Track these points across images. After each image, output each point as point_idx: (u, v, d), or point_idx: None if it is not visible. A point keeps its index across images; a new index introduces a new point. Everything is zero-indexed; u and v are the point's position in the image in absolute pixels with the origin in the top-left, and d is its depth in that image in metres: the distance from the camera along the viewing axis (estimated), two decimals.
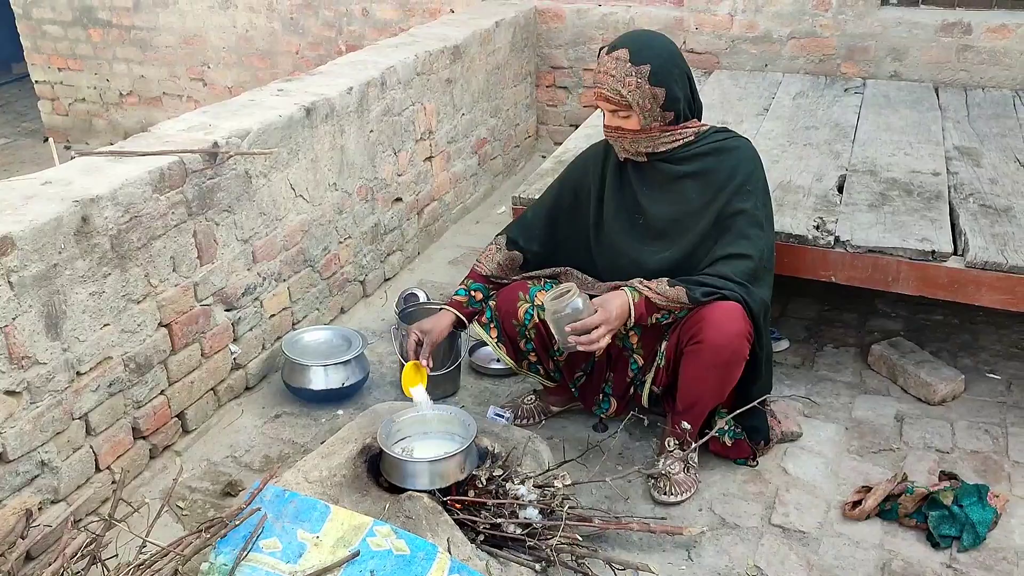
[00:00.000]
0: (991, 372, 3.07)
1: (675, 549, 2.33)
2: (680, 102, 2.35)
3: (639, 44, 2.33)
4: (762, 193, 2.43)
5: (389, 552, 2.02)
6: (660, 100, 2.31)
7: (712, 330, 2.30)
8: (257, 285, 3.00)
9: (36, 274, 2.17)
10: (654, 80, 2.29)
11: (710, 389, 2.43)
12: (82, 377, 2.36)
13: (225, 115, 2.97)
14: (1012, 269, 2.58)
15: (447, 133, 4.18)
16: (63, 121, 6.82)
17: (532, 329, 2.58)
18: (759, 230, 2.38)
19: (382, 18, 5.53)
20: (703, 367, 2.37)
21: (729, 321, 2.30)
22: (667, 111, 2.34)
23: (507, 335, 2.64)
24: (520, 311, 2.58)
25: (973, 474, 2.57)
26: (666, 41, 2.40)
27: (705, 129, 2.44)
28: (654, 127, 2.36)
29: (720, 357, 2.33)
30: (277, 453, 2.77)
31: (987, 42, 4.28)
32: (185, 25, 6.09)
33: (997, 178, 3.18)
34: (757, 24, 4.67)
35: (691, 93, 2.40)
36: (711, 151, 2.41)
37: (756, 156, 2.46)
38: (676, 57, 2.37)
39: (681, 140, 2.40)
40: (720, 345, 2.31)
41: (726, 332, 2.30)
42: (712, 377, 2.39)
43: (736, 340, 2.31)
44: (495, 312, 2.65)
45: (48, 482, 2.32)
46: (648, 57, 2.29)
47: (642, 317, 2.36)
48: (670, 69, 2.32)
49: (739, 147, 2.43)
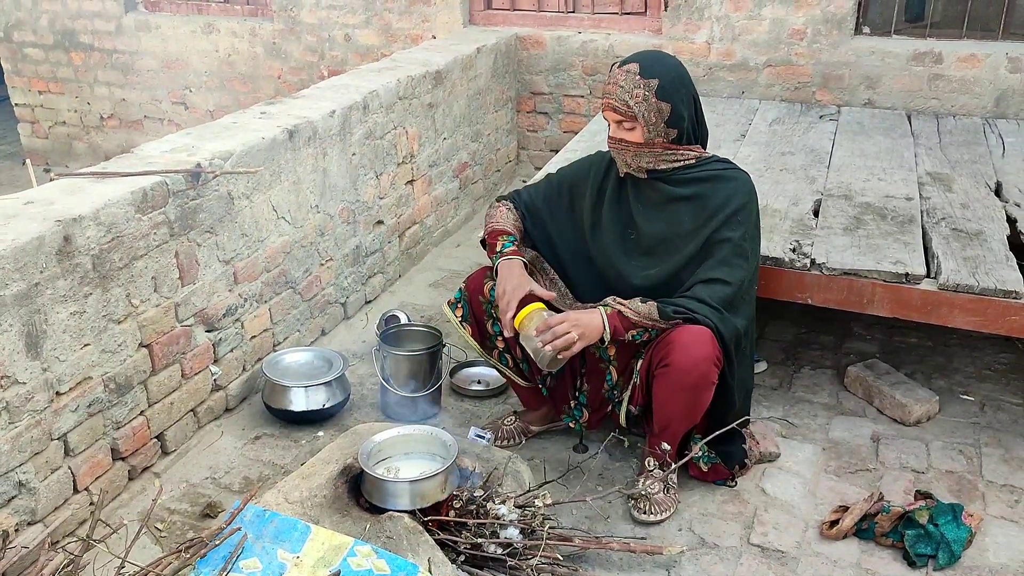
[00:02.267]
0: (965, 393, 3.12)
1: (655, 569, 2.34)
2: (684, 120, 2.40)
3: (650, 60, 2.41)
4: (752, 226, 2.47)
5: (370, 572, 2.02)
6: (665, 115, 2.37)
7: (679, 353, 2.33)
8: (238, 306, 3.00)
9: (17, 293, 2.17)
10: (661, 94, 2.35)
11: (680, 412, 2.45)
12: (61, 397, 2.35)
13: (208, 137, 2.98)
14: (983, 291, 2.63)
15: (429, 157, 4.21)
16: (43, 144, 6.80)
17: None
18: (743, 260, 2.42)
19: (364, 43, 5.57)
20: (671, 390, 2.39)
21: (697, 344, 2.32)
22: (671, 128, 2.39)
23: (474, 316, 2.67)
24: (487, 287, 2.61)
25: (948, 493, 2.61)
26: (678, 63, 2.48)
27: (707, 156, 2.50)
28: (657, 142, 2.41)
29: (687, 380, 2.35)
30: (257, 474, 2.76)
31: (957, 71, 4.38)
32: (167, 49, 6.11)
33: (968, 203, 3.25)
34: (734, 52, 4.76)
35: (696, 117, 2.46)
36: (709, 178, 2.45)
37: (752, 190, 2.50)
38: (685, 78, 2.43)
39: (682, 161, 2.45)
40: (686, 368, 2.33)
41: (693, 356, 2.32)
42: (681, 400, 2.41)
43: (703, 364, 2.33)
44: (464, 291, 2.68)
45: (25, 503, 2.30)
46: (657, 72, 2.37)
47: (618, 331, 2.38)
48: (677, 87, 2.38)
49: (737, 178, 2.48)
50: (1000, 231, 3.00)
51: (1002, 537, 2.44)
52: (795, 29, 4.60)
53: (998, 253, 2.83)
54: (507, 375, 2.77)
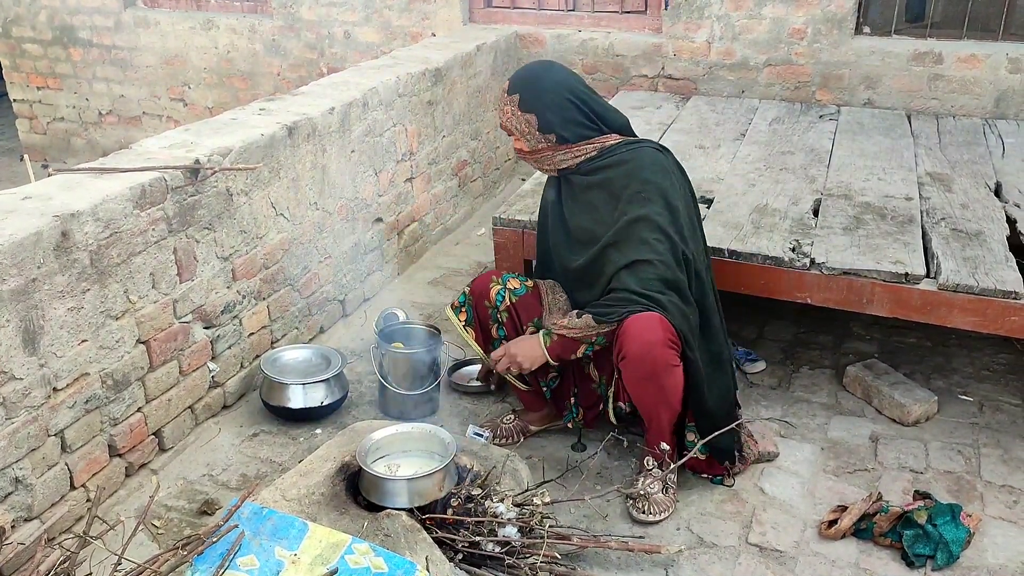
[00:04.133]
0: (964, 394, 3.12)
1: (653, 568, 2.34)
2: (555, 126, 2.50)
3: (516, 77, 2.57)
4: (661, 198, 2.47)
5: (368, 570, 2.02)
6: (534, 125, 2.51)
7: (631, 343, 2.37)
8: (236, 303, 2.99)
9: (14, 288, 2.16)
10: (523, 107, 2.51)
11: (653, 401, 2.47)
12: (59, 393, 2.34)
13: (207, 133, 2.97)
14: (983, 292, 2.63)
15: (428, 154, 4.20)
16: (41, 140, 6.79)
17: (504, 312, 2.66)
18: (661, 234, 2.44)
19: (364, 41, 5.57)
20: (635, 380, 2.43)
21: (646, 331, 2.35)
22: (545, 134, 2.52)
23: (479, 319, 2.72)
24: (492, 291, 2.68)
25: (946, 494, 2.60)
26: (544, 72, 2.57)
27: (611, 143, 2.54)
28: (542, 148, 2.54)
29: (645, 368, 2.38)
30: (255, 472, 2.76)
31: (958, 71, 4.38)
32: (166, 45, 6.10)
33: (968, 203, 3.24)
34: (734, 51, 4.75)
35: (585, 115, 2.51)
36: (613, 163, 2.52)
37: (656, 162, 2.52)
38: (551, 84, 2.52)
39: (583, 156, 2.54)
40: (641, 356, 2.36)
41: (645, 342, 2.35)
42: (649, 390, 2.44)
43: (656, 348, 2.35)
44: (468, 296, 2.74)
45: (22, 499, 2.29)
46: (518, 88, 2.53)
47: (566, 351, 2.49)
48: (539, 97, 2.50)
49: (636, 157, 2.51)
50: (1000, 231, 3.00)
51: (1000, 537, 2.44)
52: (795, 28, 4.59)
53: (998, 253, 2.83)
54: (509, 379, 2.78)
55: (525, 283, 2.71)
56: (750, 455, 2.70)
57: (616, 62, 4.98)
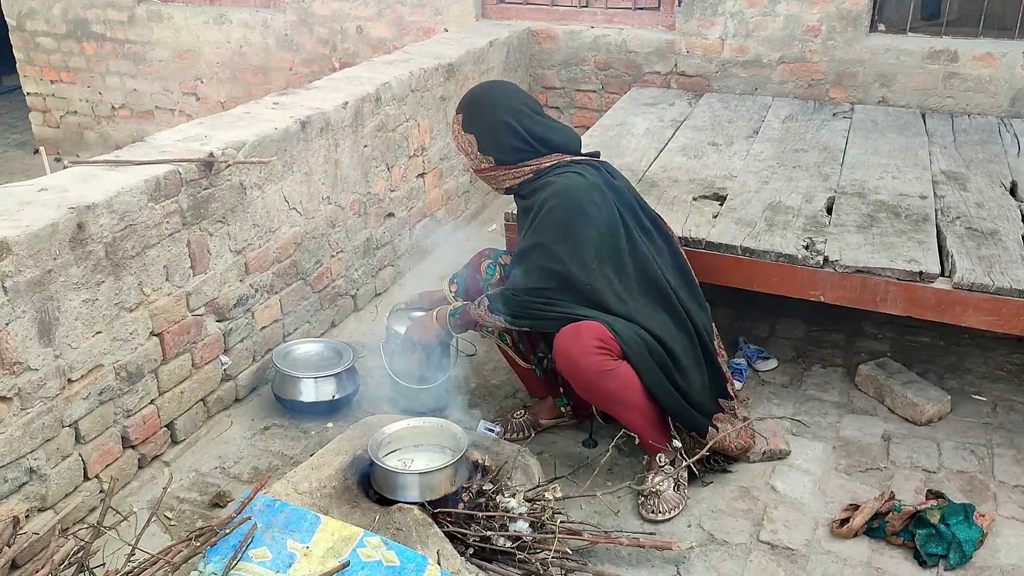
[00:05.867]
0: (977, 394, 3.10)
1: (664, 565, 2.34)
2: (491, 149, 2.54)
3: (465, 98, 2.62)
4: (558, 229, 2.44)
5: (379, 563, 2.02)
6: (475, 145, 2.56)
7: (557, 358, 2.44)
8: (249, 296, 3.00)
9: (30, 280, 2.17)
10: (466, 127, 2.57)
11: (609, 406, 2.50)
12: (73, 384, 2.35)
13: (221, 126, 2.98)
14: (998, 291, 2.61)
15: (440, 150, 4.20)
16: (54, 133, 6.82)
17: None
18: (522, 258, 2.49)
19: (376, 36, 5.57)
20: (580, 391, 2.49)
21: (568, 343, 2.39)
22: (485, 155, 2.56)
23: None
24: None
25: (959, 493, 2.59)
26: (488, 93, 2.63)
27: (546, 165, 2.55)
28: (484, 168, 2.60)
29: (579, 379, 2.42)
30: (266, 465, 2.76)
31: (973, 69, 4.35)
32: (179, 40, 6.11)
33: (983, 202, 3.22)
34: (747, 48, 4.73)
35: (523, 139, 2.52)
36: (540, 187, 2.55)
37: (569, 190, 2.47)
38: (492, 107, 2.55)
39: (522, 178, 2.58)
40: (567, 369, 2.42)
41: (567, 355, 2.39)
42: (596, 397, 2.49)
43: (582, 359, 2.37)
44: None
45: (36, 489, 2.30)
46: (463, 108, 2.60)
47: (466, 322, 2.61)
48: (480, 117, 2.55)
49: (555, 183, 2.50)
50: (1015, 230, 2.98)
51: (1014, 538, 2.43)
52: (810, 26, 4.57)
53: (1013, 252, 2.81)
54: (506, 352, 2.85)
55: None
56: (755, 452, 2.70)
57: (629, 59, 4.97)
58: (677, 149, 3.83)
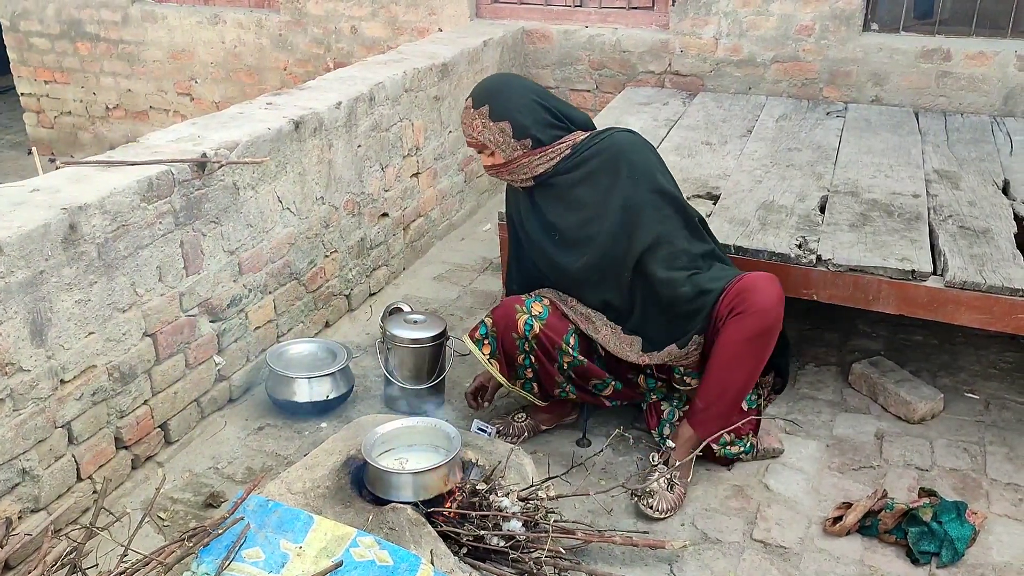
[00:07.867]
0: (970, 392, 3.11)
1: (657, 563, 2.34)
2: (530, 128, 2.51)
3: (478, 91, 2.57)
4: (652, 174, 2.52)
5: (372, 563, 2.02)
6: (508, 132, 2.51)
7: (760, 296, 2.42)
8: (243, 297, 3.00)
9: (22, 280, 2.17)
10: (495, 116, 2.51)
11: (746, 366, 2.49)
12: (66, 385, 2.35)
13: (214, 127, 2.98)
14: (990, 289, 2.62)
15: (434, 150, 4.20)
16: (48, 134, 6.81)
17: (532, 340, 2.62)
18: (671, 210, 2.51)
19: (371, 36, 5.57)
20: (745, 339, 2.43)
21: (772, 285, 2.44)
22: (521, 139, 2.52)
23: (504, 351, 2.68)
24: (520, 322, 2.62)
25: (952, 491, 2.60)
26: (506, 81, 2.63)
27: (581, 139, 2.56)
28: (518, 156, 2.54)
29: (766, 322, 2.42)
30: (260, 465, 2.76)
31: (966, 68, 4.36)
32: (173, 40, 6.10)
33: (976, 200, 3.23)
34: (741, 48, 4.74)
35: (551, 113, 2.54)
36: (590, 156, 2.54)
37: (633, 144, 2.55)
38: (516, 90, 2.55)
39: (558, 157, 2.55)
40: (766, 309, 2.41)
41: (774, 295, 2.43)
42: (753, 350, 2.46)
43: (780, 306, 2.44)
44: (490, 328, 2.70)
45: (29, 490, 2.30)
46: (484, 100, 2.53)
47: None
48: (508, 103, 2.51)
49: (612, 144, 2.54)
50: (1007, 229, 2.99)
51: (1006, 535, 2.44)
52: (803, 25, 4.58)
53: (1005, 251, 2.82)
54: (530, 400, 2.79)
55: (542, 302, 2.67)
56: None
57: (623, 58, 4.98)
58: (671, 148, 3.83)
